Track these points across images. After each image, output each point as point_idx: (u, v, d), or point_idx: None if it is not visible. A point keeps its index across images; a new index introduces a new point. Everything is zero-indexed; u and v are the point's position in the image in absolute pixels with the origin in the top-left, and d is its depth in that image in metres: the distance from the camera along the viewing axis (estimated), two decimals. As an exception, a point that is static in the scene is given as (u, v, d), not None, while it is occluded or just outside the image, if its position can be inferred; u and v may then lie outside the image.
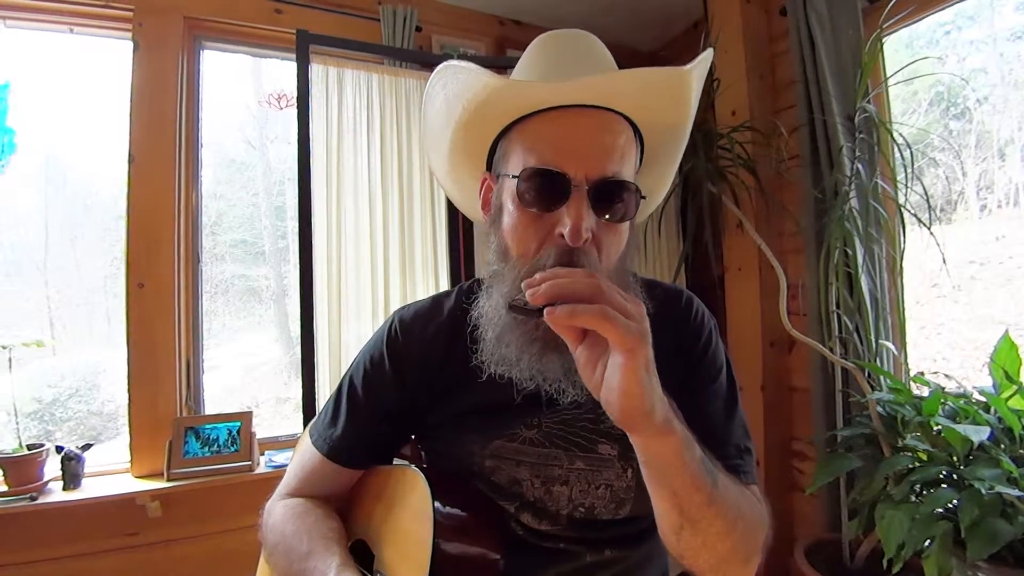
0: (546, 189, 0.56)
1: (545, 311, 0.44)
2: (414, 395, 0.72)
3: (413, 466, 0.70)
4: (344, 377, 0.76)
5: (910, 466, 1.24)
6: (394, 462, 0.77)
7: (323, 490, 0.75)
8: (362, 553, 0.71)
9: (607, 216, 0.57)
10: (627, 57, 2.70)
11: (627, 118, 0.60)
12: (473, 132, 0.65)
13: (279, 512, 0.72)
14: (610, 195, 0.56)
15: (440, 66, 0.64)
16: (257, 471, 1.79)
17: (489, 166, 0.67)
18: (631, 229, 0.63)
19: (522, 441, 0.68)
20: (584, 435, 0.68)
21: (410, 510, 0.66)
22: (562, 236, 0.54)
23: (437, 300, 0.77)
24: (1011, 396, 1.19)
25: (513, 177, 0.58)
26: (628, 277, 0.63)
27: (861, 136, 1.59)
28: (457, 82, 0.62)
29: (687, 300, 0.74)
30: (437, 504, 0.62)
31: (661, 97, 0.60)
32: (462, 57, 2.00)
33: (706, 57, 0.59)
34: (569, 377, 0.58)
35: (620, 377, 0.45)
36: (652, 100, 0.59)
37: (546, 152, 0.57)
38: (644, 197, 0.60)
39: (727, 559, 0.54)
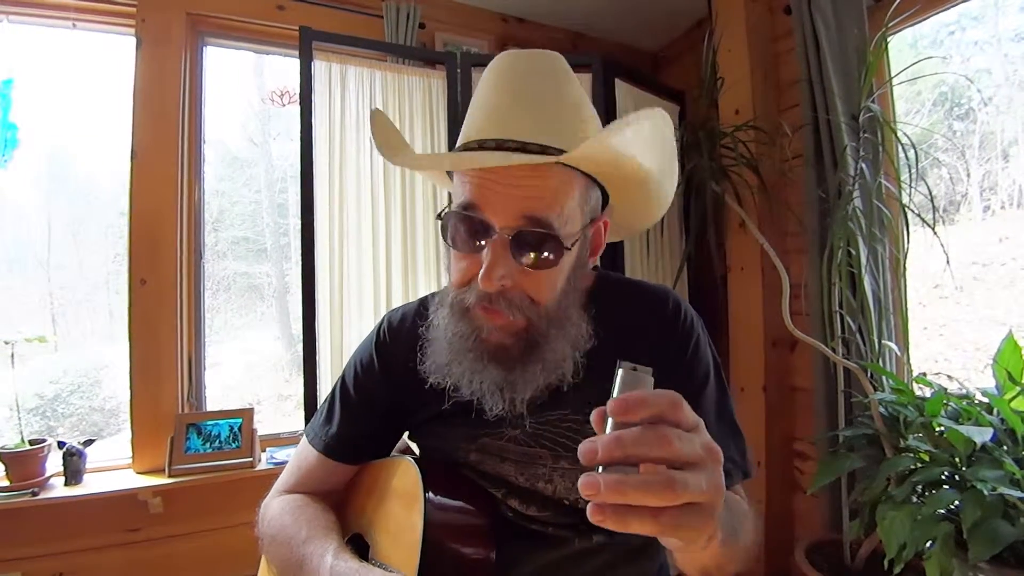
0: (466, 233, 0.58)
1: (582, 484, 0.33)
2: (402, 393, 0.74)
3: (406, 456, 0.72)
4: (338, 378, 0.79)
5: (912, 467, 1.24)
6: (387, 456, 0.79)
7: (320, 486, 0.77)
8: (358, 547, 0.71)
9: (529, 263, 0.57)
10: (630, 56, 2.69)
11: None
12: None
13: (276, 506, 0.74)
14: (531, 243, 0.57)
15: (372, 112, 0.68)
16: (258, 468, 1.79)
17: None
18: (577, 266, 0.63)
19: (507, 439, 0.69)
20: (570, 435, 0.68)
21: (401, 497, 0.67)
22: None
23: (424, 301, 0.79)
24: (1014, 397, 1.18)
25: (438, 218, 0.61)
26: (572, 315, 0.63)
27: (865, 136, 1.58)
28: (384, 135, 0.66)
29: (674, 303, 0.73)
30: (430, 493, 0.64)
31: (585, 164, 0.58)
32: (464, 55, 2.00)
33: (635, 120, 0.51)
34: (502, 393, 0.61)
35: (675, 544, 0.43)
36: (577, 163, 0.58)
37: (469, 195, 0.58)
38: (569, 248, 0.58)
39: (734, 573, 0.58)
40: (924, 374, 1.44)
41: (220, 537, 1.76)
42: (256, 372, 2.97)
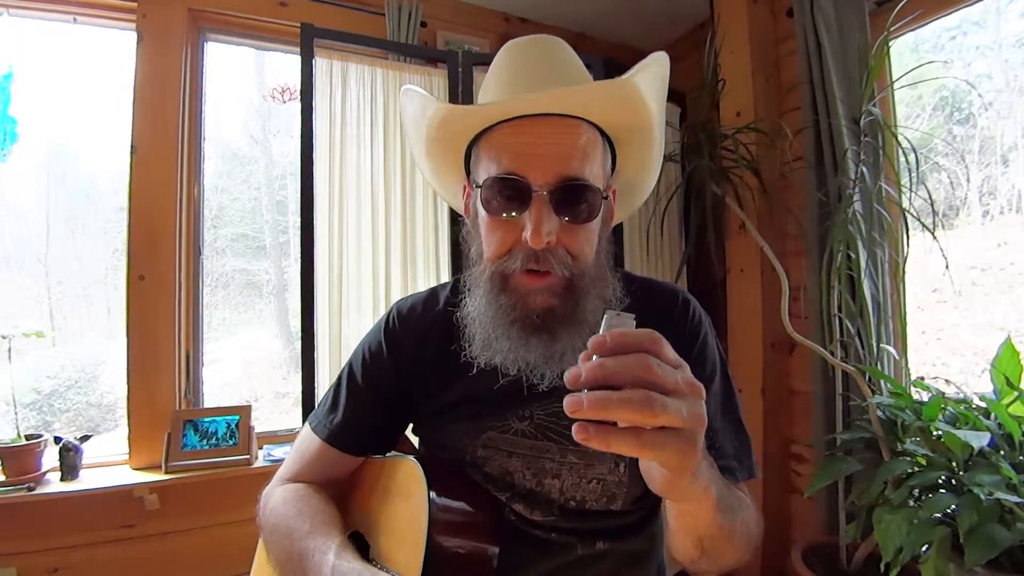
0: (508, 195, 0.60)
1: (566, 403, 0.35)
2: (410, 383, 0.74)
3: (409, 456, 0.71)
4: (344, 366, 0.79)
5: (909, 471, 1.24)
6: (389, 455, 0.78)
7: (322, 476, 0.76)
8: (357, 545, 0.71)
9: (569, 218, 0.59)
10: (630, 57, 2.69)
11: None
12: (442, 145, 0.70)
13: (279, 495, 0.73)
14: (571, 197, 0.59)
15: (403, 89, 0.69)
16: (255, 465, 1.79)
17: (468, 173, 0.70)
18: (604, 226, 0.66)
19: (514, 433, 0.69)
20: None
21: (405, 497, 0.67)
22: (527, 240, 0.58)
23: (434, 292, 0.80)
24: (1012, 402, 1.18)
25: (477, 187, 0.63)
26: (606, 274, 0.65)
27: (866, 139, 1.58)
28: (414, 104, 0.68)
29: (684, 300, 0.75)
30: (433, 494, 0.63)
31: (613, 105, 0.62)
32: (466, 54, 2.00)
33: (651, 62, 0.59)
34: (548, 363, 0.62)
35: (661, 480, 0.43)
36: (605, 108, 0.61)
37: (506, 160, 0.60)
38: (606, 197, 0.63)
39: (730, 565, 0.59)
40: (922, 378, 1.44)
41: (216, 534, 1.75)
42: (254, 369, 2.96)
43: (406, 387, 0.74)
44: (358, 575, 0.56)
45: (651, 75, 0.60)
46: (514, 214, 0.59)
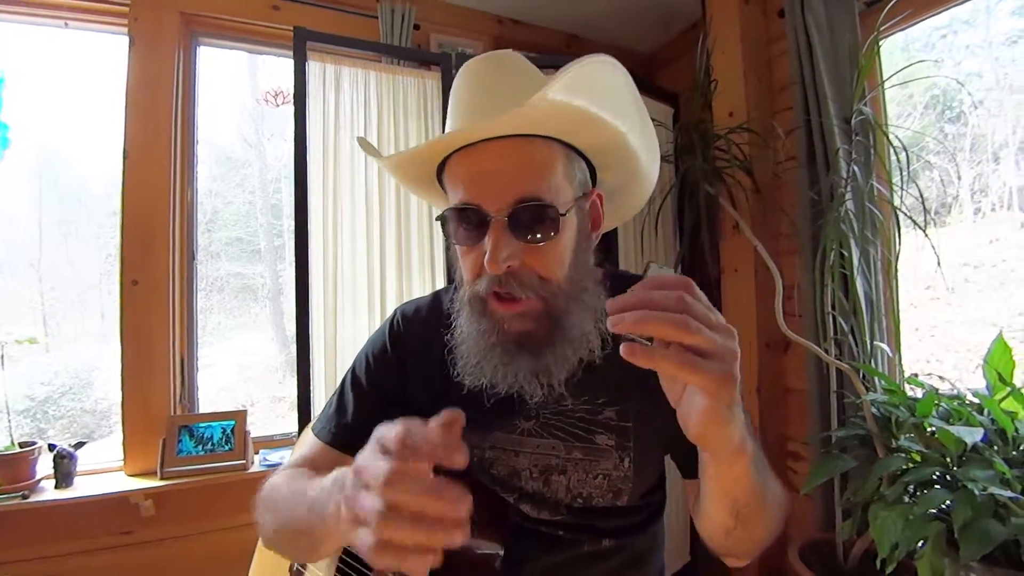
0: (465, 225, 0.60)
1: (609, 321, 0.39)
2: (415, 384, 0.74)
3: None
4: (347, 371, 0.79)
5: (904, 467, 1.24)
6: None
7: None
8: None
9: (530, 239, 0.58)
10: (624, 59, 2.70)
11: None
12: (413, 182, 0.73)
13: (281, 476, 0.70)
14: (528, 219, 0.58)
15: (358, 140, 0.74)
16: (251, 470, 1.78)
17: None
18: (582, 238, 0.64)
19: (521, 432, 0.70)
20: (582, 426, 0.69)
21: None
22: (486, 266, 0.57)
23: (437, 295, 0.80)
24: (1004, 398, 1.19)
25: (438, 220, 0.64)
26: (588, 285, 0.64)
27: (857, 138, 1.59)
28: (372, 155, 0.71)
29: None
30: None
31: (564, 120, 0.59)
32: (460, 56, 2.00)
33: (570, 67, 0.52)
34: (538, 379, 0.61)
35: (700, 413, 0.43)
36: (545, 122, 0.59)
37: (461, 190, 0.61)
38: (564, 214, 0.59)
39: (761, 541, 0.59)
40: (916, 375, 1.44)
41: (212, 540, 1.75)
42: (249, 374, 2.95)
43: (410, 389, 0.75)
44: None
45: (570, 77, 0.53)
46: (476, 242, 0.59)
